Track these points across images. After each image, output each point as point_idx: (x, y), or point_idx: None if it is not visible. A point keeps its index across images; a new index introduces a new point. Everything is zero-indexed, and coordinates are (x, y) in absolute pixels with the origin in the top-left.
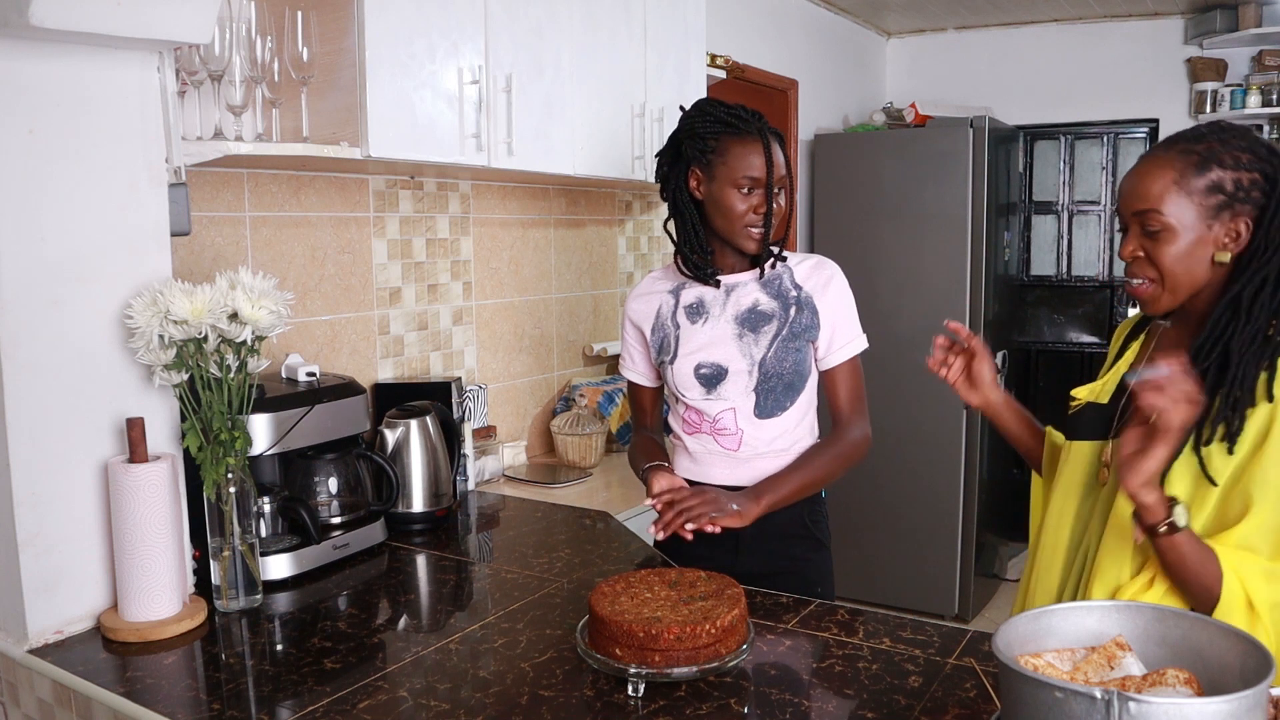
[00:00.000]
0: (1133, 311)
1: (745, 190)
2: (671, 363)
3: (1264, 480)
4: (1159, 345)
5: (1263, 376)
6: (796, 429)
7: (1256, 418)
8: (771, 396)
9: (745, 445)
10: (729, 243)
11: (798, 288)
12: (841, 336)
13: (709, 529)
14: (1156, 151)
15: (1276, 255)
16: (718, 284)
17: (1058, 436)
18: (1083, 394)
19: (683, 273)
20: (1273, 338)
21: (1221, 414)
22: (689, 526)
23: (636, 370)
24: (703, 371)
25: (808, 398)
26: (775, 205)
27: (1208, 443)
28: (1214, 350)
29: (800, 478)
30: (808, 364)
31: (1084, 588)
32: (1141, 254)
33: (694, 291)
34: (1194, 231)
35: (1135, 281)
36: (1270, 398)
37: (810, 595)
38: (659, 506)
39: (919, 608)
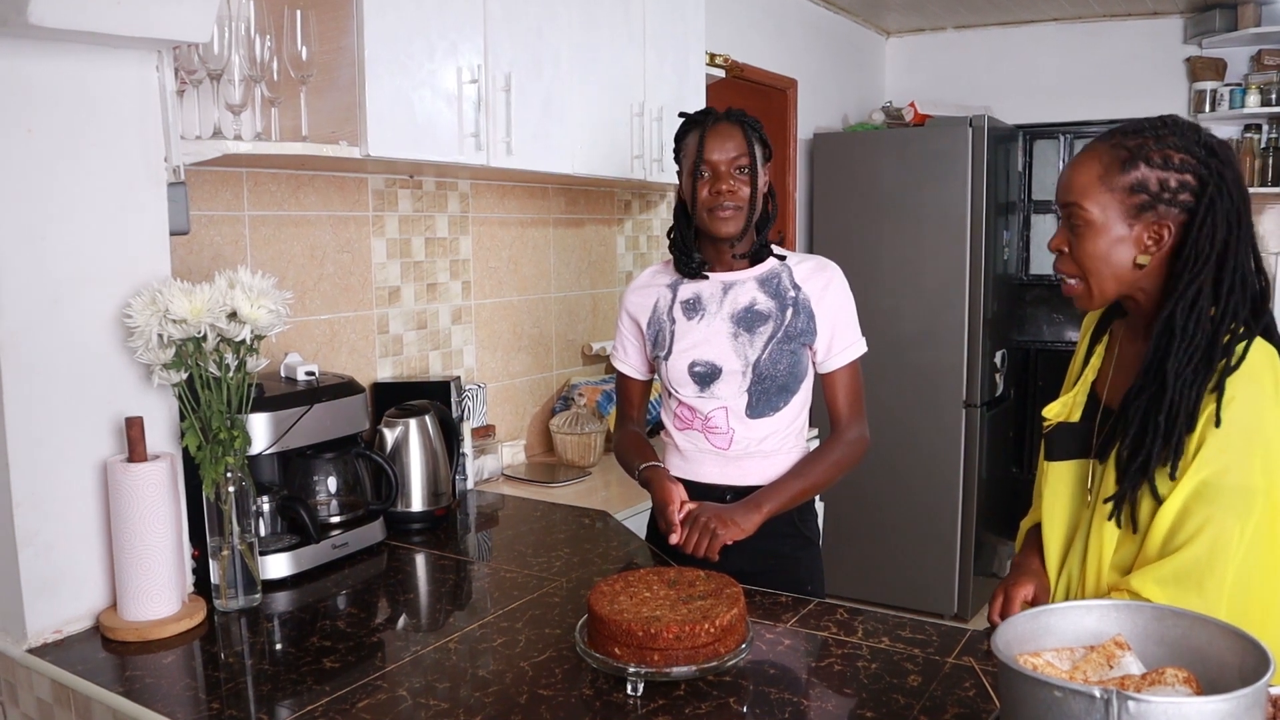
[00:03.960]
0: None
1: (697, 176)
2: (666, 358)
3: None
4: (1120, 351)
5: (1210, 399)
6: (787, 430)
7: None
8: (765, 397)
9: (735, 444)
10: (705, 233)
11: (796, 288)
12: (841, 341)
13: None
14: (1094, 142)
15: (1207, 267)
16: (705, 276)
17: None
18: (1053, 413)
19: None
20: (1216, 359)
21: (1157, 440)
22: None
23: (628, 363)
24: (697, 369)
25: (801, 399)
26: (730, 186)
27: (1151, 467)
28: (1155, 374)
29: (800, 484)
30: (802, 366)
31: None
32: (1065, 248)
33: (692, 287)
34: (1114, 230)
35: (1061, 278)
36: (1217, 422)
37: (800, 593)
38: (681, 519)
39: (918, 607)
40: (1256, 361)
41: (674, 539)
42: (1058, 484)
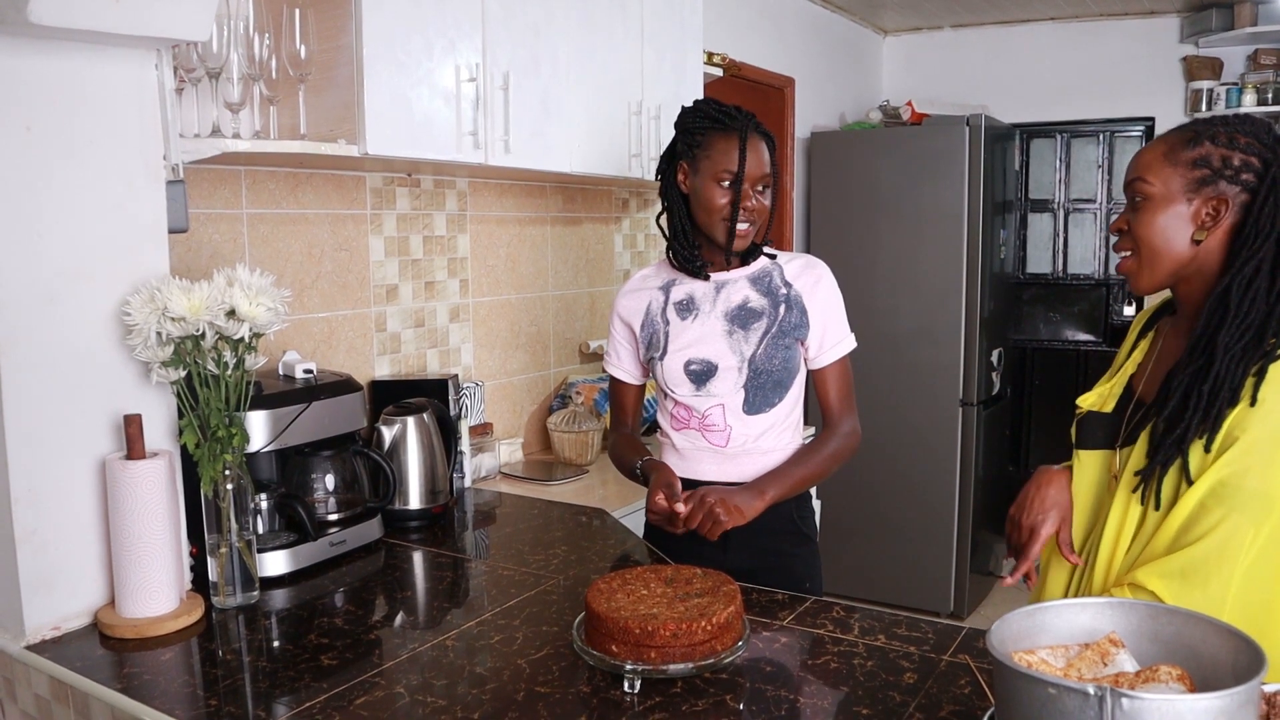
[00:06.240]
0: (1128, 311)
1: (725, 184)
2: (661, 359)
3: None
4: (1163, 346)
5: (1250, 381)
6: (783, 425)
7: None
8: (760, 393)
9: (733, 441)
10: (711, 238)
11: (787, 285)
12: (832, 337)
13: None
14: (1166, 131)
15: (1267, 244)
16: (707, 277)
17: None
18: (1088, 402)
19: (674, 265)
20: (1267, 339)
21: (1197, 412)
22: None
23: (622, 367)
24: (693, 368)
25: (795, 395)
26: (757, 203)
27: (1189, 441)
28: (1204, 348)
29: (801, 472)
30: (796, 361)
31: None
32: (1126, 226)
33: (684, 288)
34: (1174, 202)
35: (1118, 256)
36: (1253, 401)
37: (799, 590)
38: (685, 503)
39: (914, 605)
40: None
41: (680, 507)
42: (1081, 474)
